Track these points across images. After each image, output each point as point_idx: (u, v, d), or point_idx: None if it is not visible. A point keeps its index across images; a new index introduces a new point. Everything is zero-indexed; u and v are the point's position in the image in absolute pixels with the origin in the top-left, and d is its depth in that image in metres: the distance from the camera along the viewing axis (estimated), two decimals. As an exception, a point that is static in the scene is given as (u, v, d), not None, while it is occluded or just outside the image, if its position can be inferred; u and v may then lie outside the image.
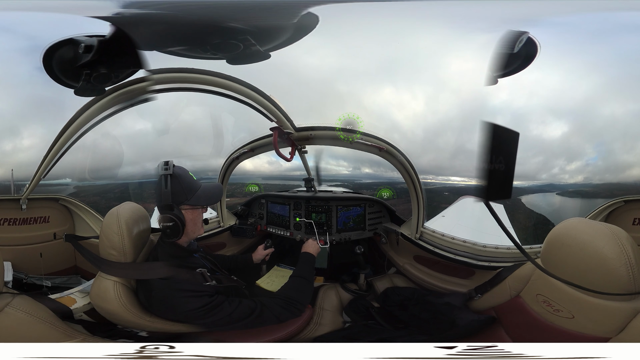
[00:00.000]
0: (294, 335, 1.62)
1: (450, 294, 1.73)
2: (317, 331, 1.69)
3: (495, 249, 1.69)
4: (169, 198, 1.52)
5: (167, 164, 1.54)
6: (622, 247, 1.24)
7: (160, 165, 1.54)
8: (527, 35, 1.62)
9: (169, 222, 1.52)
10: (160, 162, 1.54)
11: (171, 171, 1.53)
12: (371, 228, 2.07)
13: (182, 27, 1.69)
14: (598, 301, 1.28)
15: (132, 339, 1.54)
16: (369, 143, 1.80)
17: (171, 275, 1.50)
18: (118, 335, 1.55)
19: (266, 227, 2.18)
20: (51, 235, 1.73)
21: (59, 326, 1.49)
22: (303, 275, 1.71)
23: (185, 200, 1.55)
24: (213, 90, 1.73)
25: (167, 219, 1.52)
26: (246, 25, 1.67)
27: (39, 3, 1.65)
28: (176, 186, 1.53)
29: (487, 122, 1.34)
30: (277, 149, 1.85)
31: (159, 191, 1.53)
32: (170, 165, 1.54)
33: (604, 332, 1.30)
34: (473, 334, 1.59)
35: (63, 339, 1.47)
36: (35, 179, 1.66)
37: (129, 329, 1.55)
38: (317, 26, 1.68)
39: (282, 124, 1.80)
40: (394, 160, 1.84)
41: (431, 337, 1.63)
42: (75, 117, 1.62)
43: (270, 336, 1.57)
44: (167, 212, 1.52)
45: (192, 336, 1.53)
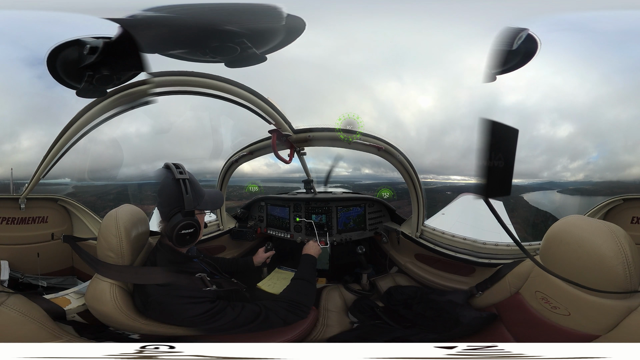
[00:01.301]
0: (303, 337, 1.59)
1: (452, 292, 1.72)
2: (326, 333, 1.66)
3: (495, 246, 1.69)
4: (191, 203, 1.45)
5: (179, 167, 1.48)
6: (620, 245, 1.24)
7: (172, 169, 1.47)
8: (527, 31, 1.65)
9: (190, 228, 1.46)
10: (170, 165, 1.48)
11: (188, 176, 1.48)
12: (372, 228, 2.06)
13: (182, 30, 1.71)
14: (594, 299, 1.28)
15: (121, 341, 1.51)
16: (367, 143, 1.81)
17: (170, 282, 1.47)
18: (107, 337, 1.51)
19: (266, 229, 2.16)
20: (49, 235, 1.72)
21: (48, 326, 1.47)
22: (305, 277, 1.69)
23: (197, 205, 1.51)
24: (212, 93, 1.74)
25: (188, 225, 1.45)
26: (241, 29, 1.69)
27: (40, 2, 1.67)
28: (192, 191, 1.48)
29: (486, 119, 1.35)
30: (275, 152, 1.85)
31: (175, 196, 1.45)
32: (183, 168, 1.49)
33: (598, 330, 1.30)
34: (476, 331, 1.58)
35: (50, 339, 1.45)
36: (34, 179, 1.65)
37: (120, 331, 1.52)
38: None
39: (280, 126, 1.81)
40: (393, 160, 1.85)
41: (438, 335, 1.61)
42: (75, 118, 1.62)
43: (278, 339, 1.54)
44: (189, 219, 1.45)
45: (188, 338, 1.50)
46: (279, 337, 1.54)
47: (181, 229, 1.45)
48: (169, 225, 1.45)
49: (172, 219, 1.45)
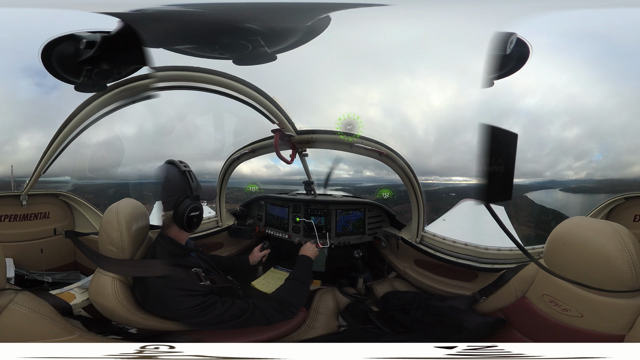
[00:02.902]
0: (283, 336, 1.60)
1: (454, 297, 1.70)
2: (308, 334, 1.66)
3: (498, 250, 1.68)
4: (197, 190, 1.63)
5: (182, 162, 1.65)
6: (624, 244, 1.24)
7: (175, 163, 1.63)
8: (516, 36, 1.65)
9: (197, 211, 1.61)
10: (174, 161, 1.63)
11: (190, 168, 1.65)
12: (371, 232, 2.05)
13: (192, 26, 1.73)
14: (604, 299, 1.27)
15: (124, 335, 1.53)
16: (369, 147, 1.82)
17: (168, 274, 1.52)
18: (112, 331, 1.54)
19: (264, 228, 2.17)
20: (51, 231, 1.74)
21: (59, 322, 1.50)
22: (299, 278, 1.71)
23: (199, 193, 1.65)
24: (216, 89, 1.76)
25: (196, 207, 1.61)
26: (257, 27, 1.71)
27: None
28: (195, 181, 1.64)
29: (485, 124, 1.35)
30: (277, 151, 1.86)
31: (182, 185, 1.60)
32: (186, 163, 1.65)
33: (615, 330, 1.28)
34: (482, 336, 1.56)
35: (63, 335, 1.48)
36: (35, 175, 1.68)
37: (122, 325, 1.54)
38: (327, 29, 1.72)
39: (283, 126, 1.82)
40: (394, 165, 1.85)
41: (436, 341, 1.60)
42: (75, 113, 1.64)
43: (259, 336, 1.56)
44: (196, 203, 1.61)
45: (184, 334, 1.52)
46: (258, 335, 1.57)
47: (191, 211, 1.59)
48: (178, 211, 1.58)
49: (181, 205, 1.58)
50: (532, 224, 1.75)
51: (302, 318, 1.68)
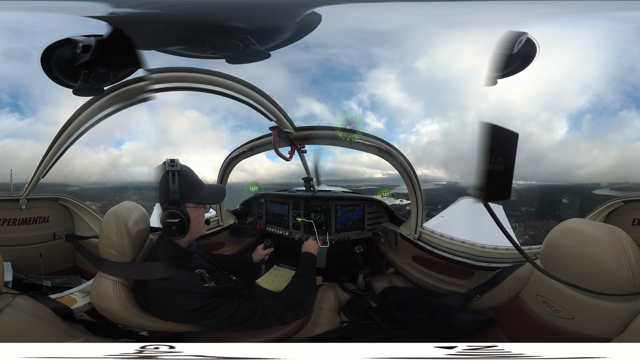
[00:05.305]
0: (291, 334, 1.62)
1: (448, 295, 1.73)
2: (315, 331, 1.69)
3: (494, 249, 1.70)
4: (176, 194, 1.51)
5: (173, 161, 1.55)
6: (622, 247, 1.24)
7: (166, 163, 1.55)
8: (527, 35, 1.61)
9: (175, 218, 1.51)
10: (166, 160, 1.55)
11: (178, 168, 1.54)
12: (370, 228, 2.06)
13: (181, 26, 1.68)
14: (598, 302, 1.28)
15: (133, 338, 1.55)
16: (368, 143, 1.80)
17: (170, 276, 1.51)
18: (119, 334, 1.55)
19: (265, 226, 2.18)
20: (51, 235, 1.73)
21: (60, 326, 1.50)
22: (306, 275, 1.71)
23: (191, 197, 1.56)
24: (212, 89, 1.72)
25: (173, 214, 1.51)
26: (246, 25, 1.66)
27: (36, 4, 1.64)
28: (183, 183, 1.54)
29: (486, 122, 1.34)
30: (276, 148, 1.84)
31: (165, 188, 1.52)
32: (177, 162, 1.56)
33: (604, 333, 1.30)
34: (471, 334, 1.60)
35: (65, 339, 1.48)
36: (34, 179, 1.66)
37: (129, 328, 1.55)
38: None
39: (281, 123, 1.80)
40: (393, 161, 1.84)
41: (429, 338, 1.63)
42: (73, 117, 1.61)
43: (267, 336, 1.57)
44: (174, 208, 1.51)
45: (192, 335, 1.53)
46: (266, 335, 1.57)
47: (166, 218, 1.50)
48: (160, 216, 1.52)
49: (163, 210, 1.52)
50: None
51: (308, 315, 1.69)
